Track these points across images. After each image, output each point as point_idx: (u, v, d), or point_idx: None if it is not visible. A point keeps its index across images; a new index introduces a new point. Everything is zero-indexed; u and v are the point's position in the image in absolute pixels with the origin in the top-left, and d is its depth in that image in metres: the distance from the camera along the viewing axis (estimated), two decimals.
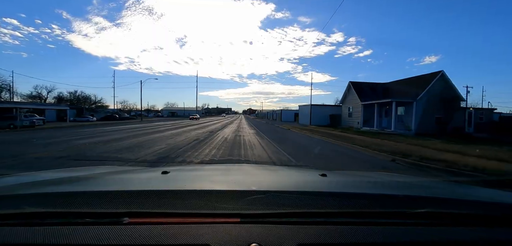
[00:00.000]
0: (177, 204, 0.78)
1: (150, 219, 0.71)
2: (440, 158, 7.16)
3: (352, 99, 26.87)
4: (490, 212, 0.82)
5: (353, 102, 26.52)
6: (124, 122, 34.06)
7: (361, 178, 1.48)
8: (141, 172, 1.53)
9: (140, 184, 1.18)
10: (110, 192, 0.92)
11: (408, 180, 1.45)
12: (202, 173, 1.62)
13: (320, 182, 1.23)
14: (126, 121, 35.88)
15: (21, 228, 0.67)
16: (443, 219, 0.76)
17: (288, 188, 1.15)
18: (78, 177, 1.26)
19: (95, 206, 0.76)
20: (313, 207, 0.79)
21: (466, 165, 6.26)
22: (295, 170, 2.51)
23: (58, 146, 9.09)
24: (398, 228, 0.72)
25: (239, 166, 2.93)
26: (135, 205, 0.76)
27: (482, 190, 1.48)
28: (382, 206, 0.83)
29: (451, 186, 1.45)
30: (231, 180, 1.30)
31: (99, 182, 1.20)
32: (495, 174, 5.26)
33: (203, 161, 6.70)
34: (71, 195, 0.87)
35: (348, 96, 28.25)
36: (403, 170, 6.10)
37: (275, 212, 0.74)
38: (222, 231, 0.66)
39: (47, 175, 1.31)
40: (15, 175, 1.31)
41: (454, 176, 5.28)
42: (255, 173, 1.62)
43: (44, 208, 0.73)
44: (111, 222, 0.69)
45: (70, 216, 0.71)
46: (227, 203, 0.78)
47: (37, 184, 1.10)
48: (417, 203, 0.83)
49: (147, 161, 6.41)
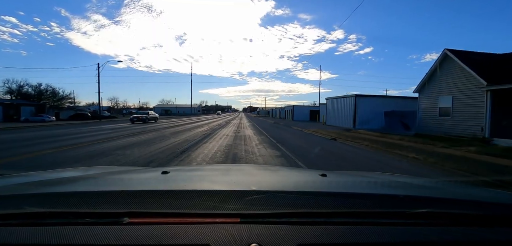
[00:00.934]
0: (177, 204, 0.79)
1: (150, 219, 0.71)
2: None
3: (453, 81, 14.04)
4: (490, 212, 0.82)
5: (457, 86, 13.78)
6: (91, 123, 27.03)
7: (361, 178, 1.48)
8: (141, 172, 1.53)
9: (140, 184, 1.18)
10: (110, 192, 0.92)
11: (408, 180, 1.45)
12: (202, 173, 1.62)
13: (320, 182, 1.23)
14: (95, 122, 28.61)
15: (21, 228, 0.67)
16: (443, 219, 0.76)
17: (288, 188, 1.15)
18: (78, 177, 1.27)
19: (95, 206, 0.76)
20: (313, 207, 0.79)
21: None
22: (295, 170, 2.51)
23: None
24: (398, 228, 0.72)
25: (239, 166, 2.93)
26: (135, 205, 0.76)
27: (482, 190, 1.49)
28: (382, 206, 0.83)
29: (451, 186, 1.46)
30: (231, 180, 1.30)
31: (99, 182, 1.20)
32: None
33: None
34: (71, 195, 0.87)
35: (439, 77, 14.97)
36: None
37: (275, 212, 0.74)
38: (222, 231, 0.66)
39: (47, 175, 1.31)
40: (15, 175, 1.31)
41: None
42: (255, 173, 1.62)
43: (44, 208, 0.73)
44: (111, 222, 0.69)
45: (70, 216, 0.71)
46: (227, 203, 0.78)
47: (37, 184, 1.10)
48: (417, 203, 0.83)
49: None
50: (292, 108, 47.02)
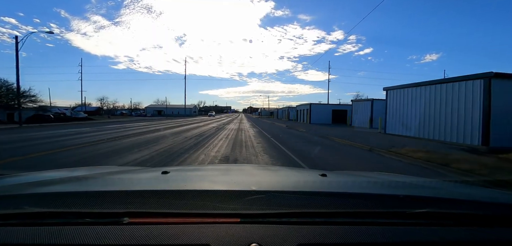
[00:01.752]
0: (177, 204, 0.78)
1: (150, 219, 0.71)
2: None
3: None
4: (490, 212, 0.81)
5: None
6: (46, 127, 18.72)
7: (361, 178, 1.48)
8: (141, 172, 1.53)
9: (140, 184, 1.18)
10: (110, 192, 0.92)
11: (408, 180, 1.45)
12: (202, 173, 1.62)
13: (320, 182, 1.23)
14: (56, 126, 20.67)
15: (21, 228, 0.67)
16: (443, 219, 0.76)
17: (288, 188, 1.15)
18: (78, 177, 1.27)
19: (95, 206, 0.76)
20: (313, 207, 0.79)
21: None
22: (295, 170, 2.52)
23: None
24: (398, 228, 0.72)
25: (239, 166, 2.93)
26: (135, 205, 0.76)
27: (482, 190, 1.49)
28: (382, 206, 0.83)
29: (451, 186, 1.46)
30: (231, 180, 1.30)
31: (99, 182, 1.21)
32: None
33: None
34: (71, 195, 0.87)
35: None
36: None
37: (275, 212, 0.74)
38: (222, 231, 0.66)
39: (47, 175, 1.31)
40: (15, 175, 1.31)
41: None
42: (255, 173, 1.62)
43: (44, 208, 0.73)
44: (111, 222, 0.69)
45: (70, 216, 0.71)
46: (227, 203, 0.78)
47: (37, 184, 1.10)
48: (417, 203, 0.83)
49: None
50: (309, 107, 32.94)
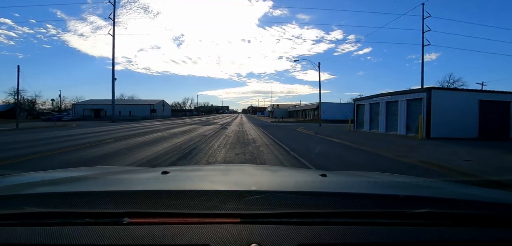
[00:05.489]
0: (177, 204, 0.78)
1: (150, 219, 0.71)
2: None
3: None
4: (490, 212, 0.81)
5: None
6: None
7: (361, 178, 1.48)
8: (141, 172, 1.53)
9: (140, 184, 1.18)
10: (110, 192, 0.92)
11: (408, 180, 1.45)
12: (202, 173, 1.62)
13: (320, 182, 1.23)
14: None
15: (21, 228, 0.66)
16: (443, 219, 0.76)
17: (288, 188, 1.15)
18: (78, 177, 1.27)
19: (95, 206, 0.76)
20: (313, 207, 0.79)
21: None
22: (295, 170, 2.52)
23: None
24: (398, 228, 0.72)
25: (239, 166, 2.94)
26: (135, 205, 0.76)
27: (482, 190, 1.49)
28: (382, 206, 0.83)
29: (451, 186, 1.46)
30: (231, 180, 1.30)
31: (99, 182, 1.21)
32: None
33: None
34: (71, 195, 0.87)
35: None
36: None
37: (275, 212, 0.74)
38: (222, 231, 0.66)
39: (47, 175, 1.32)
40: (15, 175, 1.31)
41: None
42: (255, 173, 1.62)
43: (44, 208, 0.73)
44: (111, 222, 0.69)
45: (70, 216, 0.71)
46: (227, 203, 0.78)
47: (37, 184, 1.10)
48: (417, 203, 0.83)
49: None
50: (428, 94, 12.22)
